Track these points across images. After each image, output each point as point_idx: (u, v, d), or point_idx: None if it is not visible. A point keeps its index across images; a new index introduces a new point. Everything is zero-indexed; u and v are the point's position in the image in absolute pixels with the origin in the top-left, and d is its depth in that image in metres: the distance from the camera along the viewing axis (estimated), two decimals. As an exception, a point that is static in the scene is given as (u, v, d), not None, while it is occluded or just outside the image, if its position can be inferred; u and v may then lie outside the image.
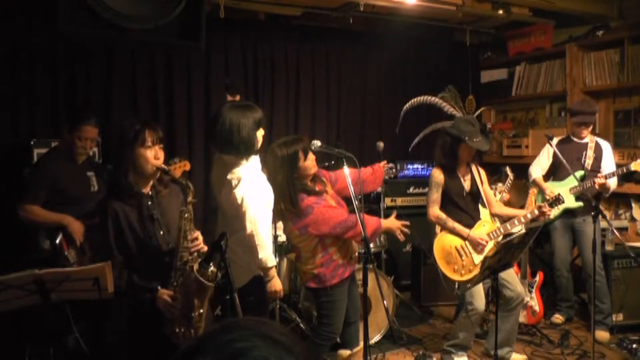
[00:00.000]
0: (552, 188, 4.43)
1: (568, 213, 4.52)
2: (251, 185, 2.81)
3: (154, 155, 2.48)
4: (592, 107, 4.53)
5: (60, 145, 3.66)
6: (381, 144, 4.24)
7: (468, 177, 3.80)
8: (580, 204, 4.42)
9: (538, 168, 4.65)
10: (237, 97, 3.40)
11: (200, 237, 2.54)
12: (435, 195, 3.74)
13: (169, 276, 2.48)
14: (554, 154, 4.36)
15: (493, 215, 3.86)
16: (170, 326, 2.46)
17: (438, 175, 3.74)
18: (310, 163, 3.19)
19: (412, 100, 4.03)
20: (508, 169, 4.75)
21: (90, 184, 3.67)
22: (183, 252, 2.48)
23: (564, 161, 3.94)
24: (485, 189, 3.88)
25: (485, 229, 3.74)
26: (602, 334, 4.29)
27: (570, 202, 4.45)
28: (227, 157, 2.89)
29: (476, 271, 3.57)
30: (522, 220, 3.76)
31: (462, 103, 3.88)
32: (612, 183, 4.36)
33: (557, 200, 3.79)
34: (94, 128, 3.59)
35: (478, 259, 3.67)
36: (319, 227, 3.11)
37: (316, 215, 3.09)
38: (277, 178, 3.11)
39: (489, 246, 3.70)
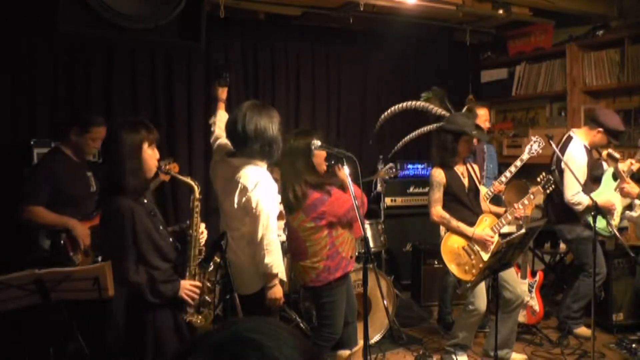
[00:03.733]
0: (609, 198, 4.13)
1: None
2: (267, 190, 2.82)
3: (155, 155, 2.53)
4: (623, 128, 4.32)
5: (62, 146, 3.64)
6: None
7: (466, 174, 3.80)
8: (628, 201, 4.29)
9: (581, 194, 4.02)
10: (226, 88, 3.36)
11: (205, 230, 2.69)
12: (438, 195, 3.70)
13: (184, 267, 2.55)
14: (588, 166, 4.14)
15: None
16: (190, 314, 2.54)
17: (439, 174, 3.70)
18: (323, 154, 3.24)
19: (393, 108, 3.87)
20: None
21: (89, 184, 3.68)
22: (195, 242, 2.59)
23: (572, 170, 3.86)
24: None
25: (487, 223, 3.74)
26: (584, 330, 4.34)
27: (621, 201, 4.28)
28: (236, 161, 2.88)
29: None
30: (504, 222, 3.74)
31: (448, 101, 3.81)
32: None
33: (548, 181, 3.74)
34: (104, 128, 3.61)
35: (486, 256, 3.67)
36: (335, 209, 3.15)
37: (332, 201, 3.14)
38: (297, 164, 3.14)
39: (495, 239, 3.71)
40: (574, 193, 4.09)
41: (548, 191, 3.80)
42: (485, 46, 6.47)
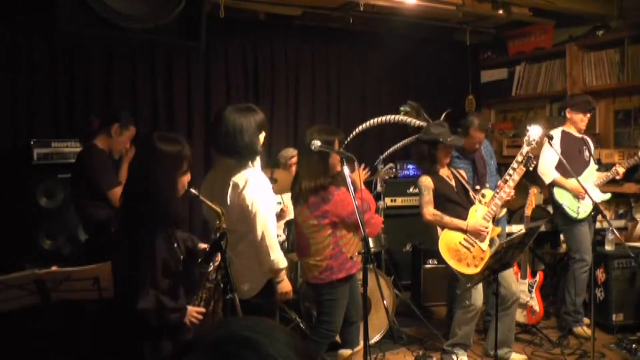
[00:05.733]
0: (576, 184, 4.13)
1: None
2: (260, 187, 2.81)
3: (187, 179, 2.44)
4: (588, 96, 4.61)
5: (98, 143, 3.63)
6: None
7: (452, 176, 3.92)
8: (609, 195, 4.47)
9: (552, 167, 4.41)
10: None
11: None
12: (428, 197, 3.80)
13: (192, 292, 2.47)
14: (562, 147, 4.34)
15: None
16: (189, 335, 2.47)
17: (426, 180, 3.83)
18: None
19: (372, 121, 4.10)
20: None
21: None
22: (209, 275, 2.50)
23: (562, 158, 3.94)
24: None
25: (479, 213, 3.80)
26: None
27: (600, 195, 4.42)
28: (229, 161, 2.88)
29: (487, 258, 3.59)
30: (494, 208, 3.77)
31: (425, 114, 4.01)
32: None
33: (529, 159, 3.73)
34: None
35: (485, 245, 3.74)
36: (338, 210, 3.15)
37: (336, 201, 3.15)
38: (314, 158, 3.15)
39: (489, 228, 3.76)
40: (541, 164, 4.43)
41: (531, 168, 3.79)
42: (485, 46, 6.47)
